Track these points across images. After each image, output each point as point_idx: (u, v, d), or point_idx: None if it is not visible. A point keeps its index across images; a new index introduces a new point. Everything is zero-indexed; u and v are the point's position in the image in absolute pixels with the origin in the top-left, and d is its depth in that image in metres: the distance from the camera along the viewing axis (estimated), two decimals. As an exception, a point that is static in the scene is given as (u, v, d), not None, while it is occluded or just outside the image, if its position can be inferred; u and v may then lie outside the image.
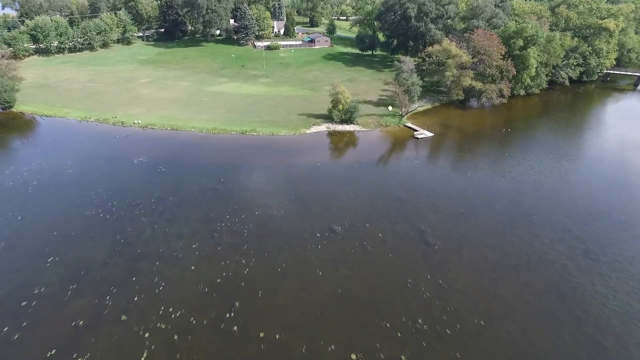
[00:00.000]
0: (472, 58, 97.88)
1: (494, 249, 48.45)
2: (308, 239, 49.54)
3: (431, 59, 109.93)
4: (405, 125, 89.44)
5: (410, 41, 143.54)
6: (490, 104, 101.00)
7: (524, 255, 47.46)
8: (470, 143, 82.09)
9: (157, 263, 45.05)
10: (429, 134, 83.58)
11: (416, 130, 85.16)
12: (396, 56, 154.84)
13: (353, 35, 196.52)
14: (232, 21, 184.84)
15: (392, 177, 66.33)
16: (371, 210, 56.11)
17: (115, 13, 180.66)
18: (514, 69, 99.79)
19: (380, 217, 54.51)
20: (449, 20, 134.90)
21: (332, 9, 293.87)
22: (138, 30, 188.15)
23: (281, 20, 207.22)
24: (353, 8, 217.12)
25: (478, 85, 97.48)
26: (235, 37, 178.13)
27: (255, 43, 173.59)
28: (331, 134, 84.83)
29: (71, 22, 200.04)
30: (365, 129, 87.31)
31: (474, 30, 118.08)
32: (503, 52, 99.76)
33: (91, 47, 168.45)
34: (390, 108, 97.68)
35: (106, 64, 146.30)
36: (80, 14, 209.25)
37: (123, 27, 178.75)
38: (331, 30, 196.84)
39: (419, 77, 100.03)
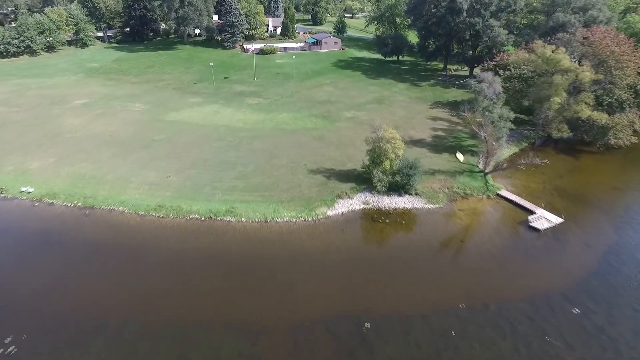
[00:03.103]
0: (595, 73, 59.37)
1: None
2: None
3: (509, 71, 72.16)
4: (498, 194, 51.10)
5: (455, 43, 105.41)
6: (612, 144, 62.57)
7: None
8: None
9: None
10: (555, 220, 45.34)
11: (530, 212, 46.82)
12: (431, 63, 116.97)
13: (367, 36, 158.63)
14: (215, 18, 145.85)
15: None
16: None
17: (65, 7, 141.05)
18: (657, 90, 61.96)
19: None
20: (512, 15, 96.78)
21: (335, 5, 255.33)
22: (97, 30, 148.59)
23: (278, 16, 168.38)
24: (369, 1, 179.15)
25: (602, 117, 59.14)
26: (219, 38, 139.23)
27: (244, 45, 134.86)
28: (373, 219, 46.35)
29: (16, 20, 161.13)
30: (432, 205, 48.93)
31: (560, 27, 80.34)
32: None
33: (32, 52, 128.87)
34: (460, 156, 59.47)
35: (40, 75, 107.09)
36: (29, 9, 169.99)
37: (75, 25, 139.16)
38: (340, 29, 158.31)
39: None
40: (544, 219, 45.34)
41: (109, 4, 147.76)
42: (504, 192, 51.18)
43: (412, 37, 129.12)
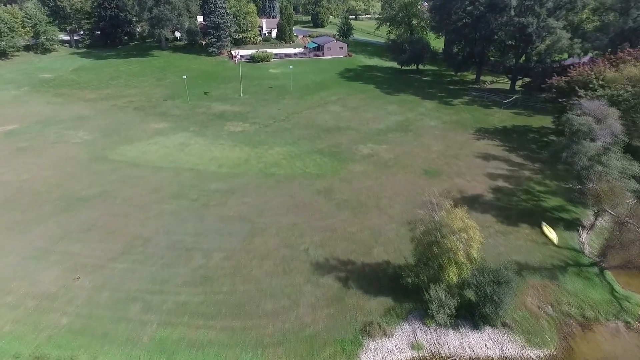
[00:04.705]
0: None
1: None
2: None
3: (593, 91, 50.88)
4: (642, 319, 29.41)
5: (492, 49, 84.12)
6: None
7: None
8: None
9: None
10: None
11: None
12: (461, 74, 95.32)
13: (377, 40, 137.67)
14: (200, 18, 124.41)
15: None
16: None
17: (21, 7, 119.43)
18: None
19: None
20: (570, 14, 75.34)
21: (338, 5, 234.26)
22: (62, 32, 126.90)
23: (273, 17, 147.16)
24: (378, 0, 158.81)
25: None
26: (204, 43, 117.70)
27: (232, 51, 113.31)
28: (436, 391, 24.53)
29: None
30: (536, 350, 27.10)
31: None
32: None
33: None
34: (551, 233, 37.61)
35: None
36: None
37: (33, 28, 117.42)
38: (345, 32, 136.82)
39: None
40: None
41: (74, 2, 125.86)
42: (652, 315, 29.45)
43: (432, 41, 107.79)
